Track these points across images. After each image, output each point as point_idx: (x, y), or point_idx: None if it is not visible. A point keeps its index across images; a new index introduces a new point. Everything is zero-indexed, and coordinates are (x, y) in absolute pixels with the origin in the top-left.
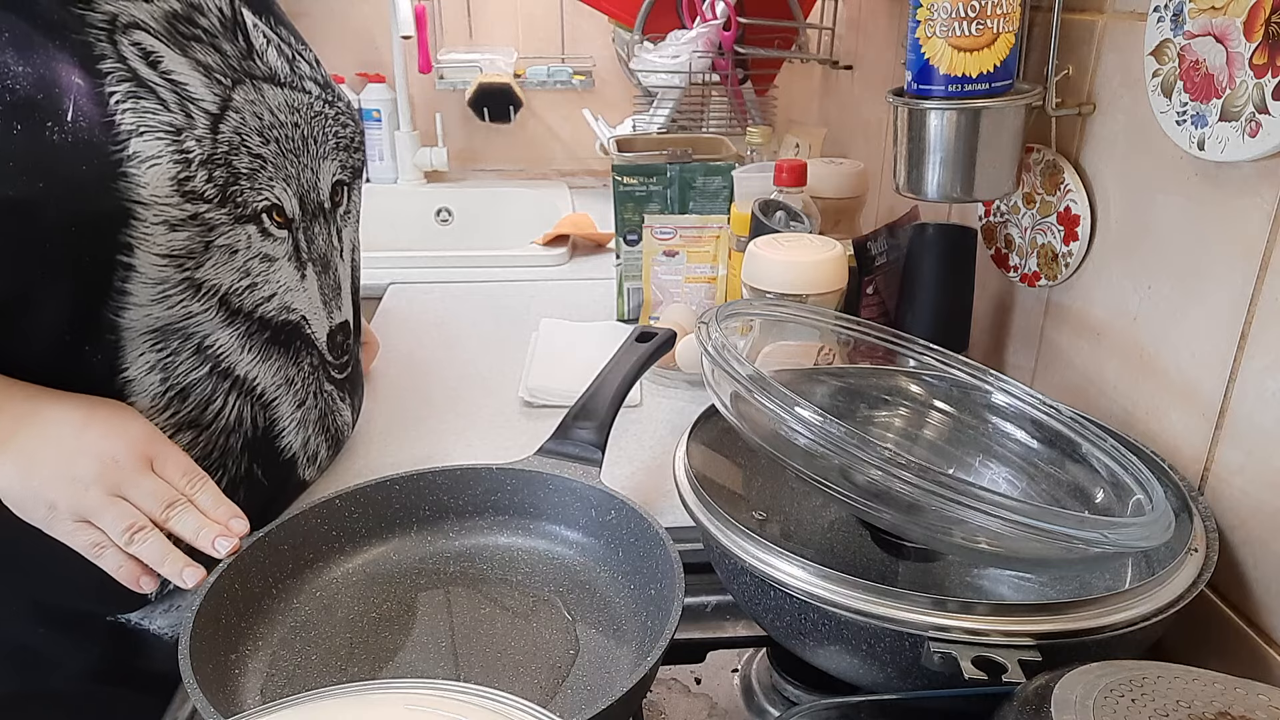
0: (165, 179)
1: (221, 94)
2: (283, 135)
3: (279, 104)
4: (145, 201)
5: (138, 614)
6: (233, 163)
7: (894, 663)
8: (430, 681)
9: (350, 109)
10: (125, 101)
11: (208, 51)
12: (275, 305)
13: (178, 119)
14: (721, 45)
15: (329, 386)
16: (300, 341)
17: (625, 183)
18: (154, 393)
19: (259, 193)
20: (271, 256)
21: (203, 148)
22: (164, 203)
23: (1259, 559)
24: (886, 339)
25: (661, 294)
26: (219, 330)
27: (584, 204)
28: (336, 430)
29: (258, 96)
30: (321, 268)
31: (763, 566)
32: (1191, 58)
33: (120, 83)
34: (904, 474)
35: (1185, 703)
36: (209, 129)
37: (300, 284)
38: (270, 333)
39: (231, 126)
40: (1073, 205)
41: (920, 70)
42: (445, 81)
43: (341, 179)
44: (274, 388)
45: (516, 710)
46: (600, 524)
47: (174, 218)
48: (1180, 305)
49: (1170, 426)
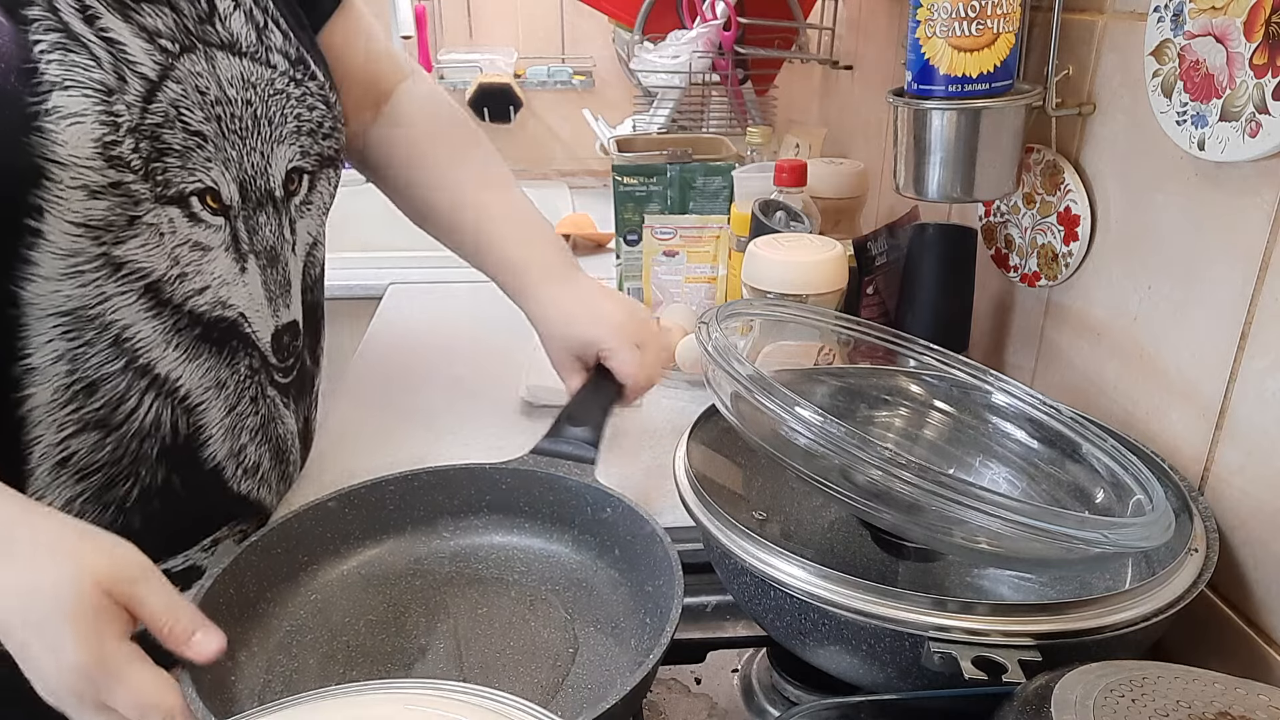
0: (88, 139)
1: (164, 61)
2: (228, 113)
3: (232, 76)
4: (62, 161)
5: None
6: (163, 137)
7: (894, 663)
8: (430, 682)
9: (326, 91)
10: (52, 53)
11: (159, 13)
12: (208, 299)
13: (109, 79)
14: (721, 45)
15: (271, 391)
16: (237, 341)
17: (625, 183)
18: (57, 384)
19: (190, 173)
20: (205, 245)
21: (132, 114)
22: (84, 165)
23: (1259, 559)
24: (886, 339)
25: (661, 294)
26: (141, 322)
27: (584, 204)
28: (279, 439)
29: (207, 67)
30: (267, 261)
31: (763, 566)
32: (1192, 58)
33: (47, 32)
34: (904, 474)
35: (1185, 703)
36: (141, 96)
37: (239, 278)
38: (201, 329)
39: (168, 98)
40: (1073, 205)
41: (920, 70)
42: (445, 81)
43: (301, 166)
44: (200, 390)
45: (516, 710)
46: (596, 521)
47: (94, 183)
48: (1180, 305)
49: (1170, 426)
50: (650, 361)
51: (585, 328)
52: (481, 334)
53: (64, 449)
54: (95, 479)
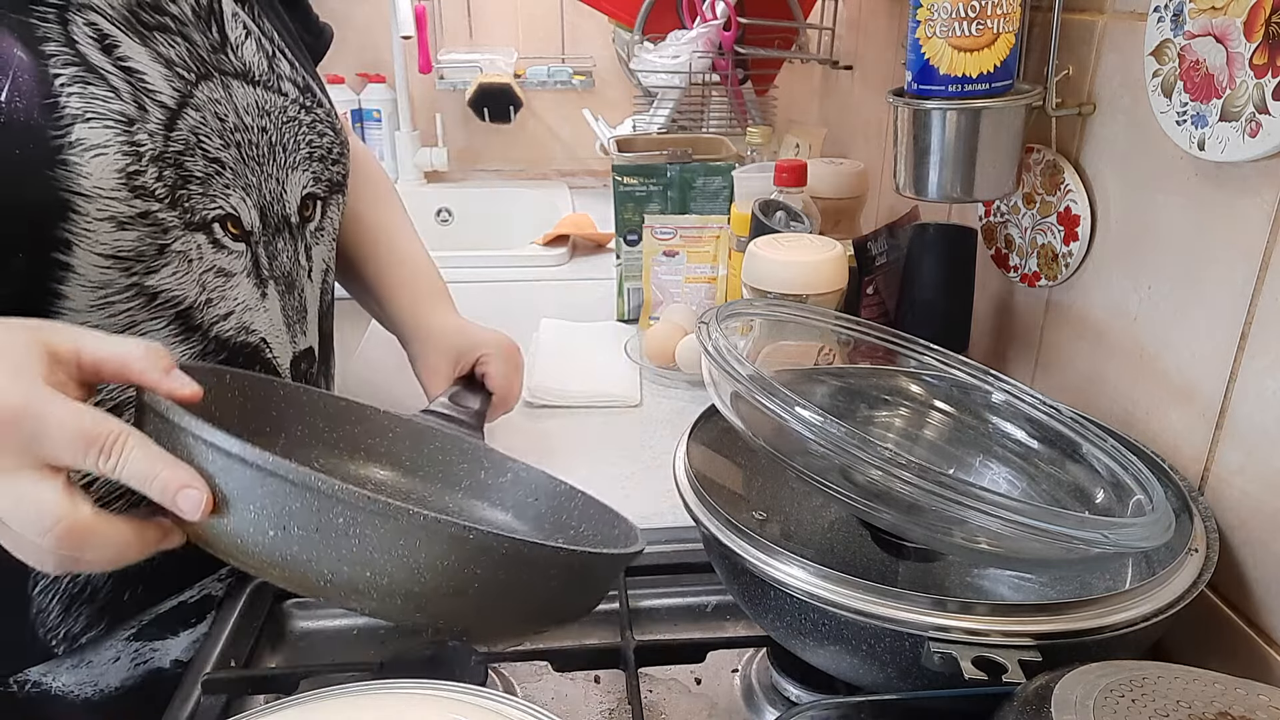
0: (112, 170)
1: (182, 89)
2: (246, 140)
3: (248, 104)
4: (87, 193)
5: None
6: (185, 164)
7: (894, 663)
8: (430, 682)
9: (332, 117)
10: (71, 85)
11: (173, 42)
12: (232, 325)
13: (129, 109)
14: (721, 45)
15: None
16: (259, 367)
17: (625, 183)
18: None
19: (212, 200)
20: (228, 271)
21: (155, 143)
22: (109, 196)
23: (1259, 559)
24: (887, 339)
25: (662, 294)
26: (170, 347)
27: (584, 204)
28: None
29: (224, 94)
30: (285, 287)
31: (763, 566)
32: (1192, 58)
33: (66, 66)
34: (904, 474)
35: (1185, 703)
36: (163, 125)
37: (260, 303)
38: (226, 355)
39: (189, 125)
40: (1073, 205)
41: (920, 70)
42: (445, 81)
43: (314, 192)
44: None
45: (515, 710)
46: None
47: (122, 214)
48: (1181, 305)
49: (1170, 426)
50: (517, 384)
51: (475, 333)
52: None
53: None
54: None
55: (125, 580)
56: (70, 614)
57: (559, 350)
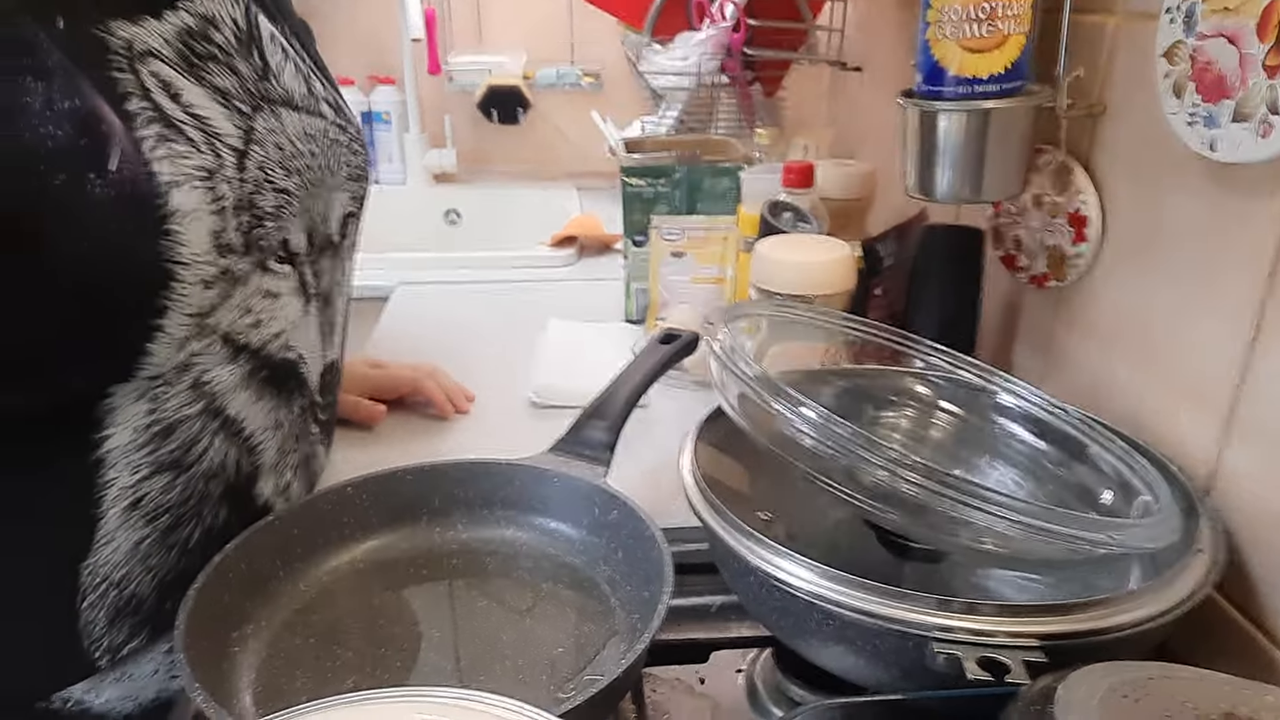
0: (205, 233)
1: (243, 124)
2: (304, 166)
3: (298, 131)
4: (185, 261)
5: (80, 687)
6: (256, 202)
7: (898, 663)
8: (436, 690)
9: (360, 135)
10: (158, 147)
11: (224, 73)
12: (280, 343)
13: (208, 160)
14: (730, 47)
15: (314, 429)
16: (294, 381)
17: (633, 184)
18: (136, 425)
19: (280, 231)
20: (274, 292)
21: (233, 190)
22: (202, 260)
23: (1267, 561)
24: (894, 340)
25: (669, 295)
26: (217, 367)
27: (592, 205)
28: (313, 475)
29: (277, 124)
30: (323, 303)
31: (768, 567)
32: (1203, 59)
33: (149, 124)
34: (910, 475)
35: (1191, 704)
36: (236, 167)
37: (303, 320)
38: (268, 371)
39: (255, 161)
40: (1082, 206)
41: (930, 71)
42: (454, 84)
43: (351, 211)
44: (261, 430)
45: (519, 717)
46: (602, 524)
47: (208, 275)
48: (1190, 306)
49: (1179, 428)
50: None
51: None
52: (488, 335)
53: (136, 491)
54: (163, 520)
55: (167, 590)
56: (114, 625)
57: (566, 350)
